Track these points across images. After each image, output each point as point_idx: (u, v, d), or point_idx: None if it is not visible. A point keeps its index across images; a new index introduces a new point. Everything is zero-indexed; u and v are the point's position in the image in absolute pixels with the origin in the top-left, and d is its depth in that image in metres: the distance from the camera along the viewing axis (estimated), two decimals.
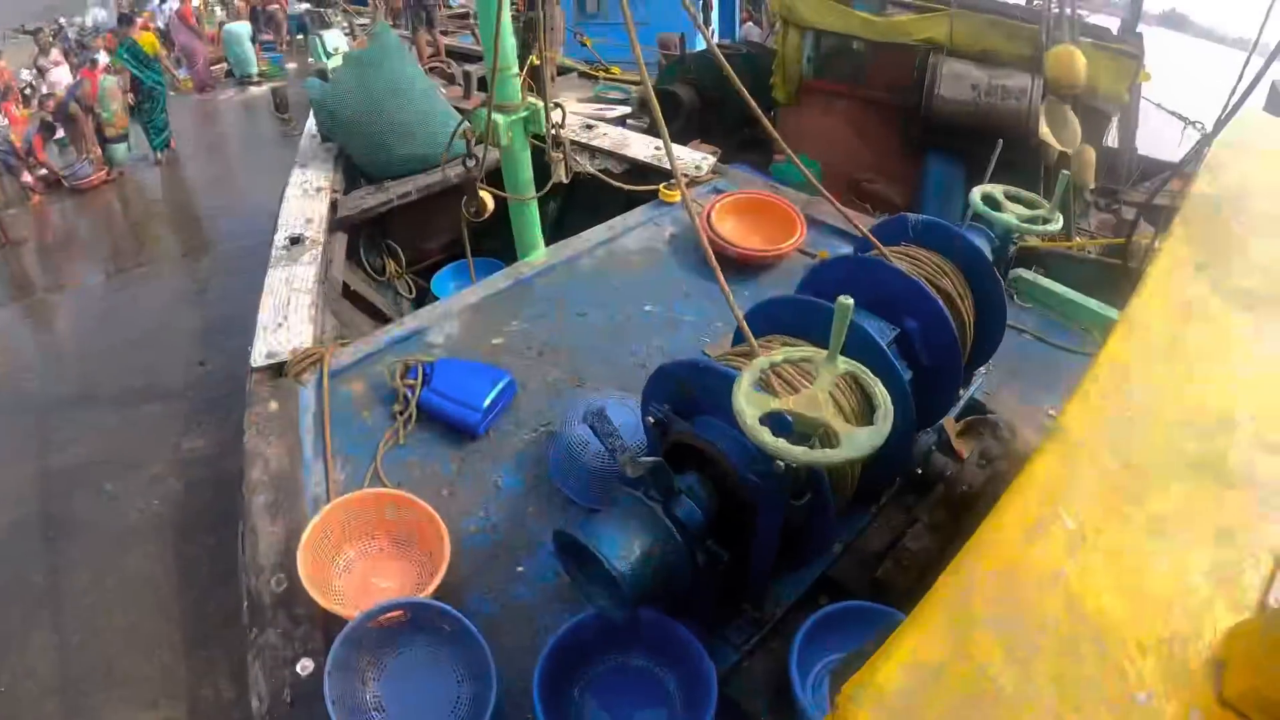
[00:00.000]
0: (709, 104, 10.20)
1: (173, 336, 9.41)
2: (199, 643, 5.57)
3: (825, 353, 2.21)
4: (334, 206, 6.50)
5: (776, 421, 2.07)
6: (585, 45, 14.15)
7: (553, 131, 4.95)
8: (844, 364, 2.20)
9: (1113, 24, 8.93)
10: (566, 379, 4.32)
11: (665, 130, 3.11)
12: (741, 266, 5.17)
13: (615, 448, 2.31)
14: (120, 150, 14.79)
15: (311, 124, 7.94)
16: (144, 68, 15.48)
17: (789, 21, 9.39)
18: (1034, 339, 4.70)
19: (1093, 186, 8.68)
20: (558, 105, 4.95)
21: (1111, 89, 8.13)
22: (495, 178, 5.31)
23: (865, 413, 2.33)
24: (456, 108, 7.59)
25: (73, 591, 6.05)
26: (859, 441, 1.99)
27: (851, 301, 2.05)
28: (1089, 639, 1.19)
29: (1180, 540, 1.32)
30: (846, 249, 5.16)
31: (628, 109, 9.90)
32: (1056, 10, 7.93)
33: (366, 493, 3.47)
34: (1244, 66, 5.89)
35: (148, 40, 16.66)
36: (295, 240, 5.75)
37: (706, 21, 16.04)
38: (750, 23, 17.99)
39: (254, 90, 20.34)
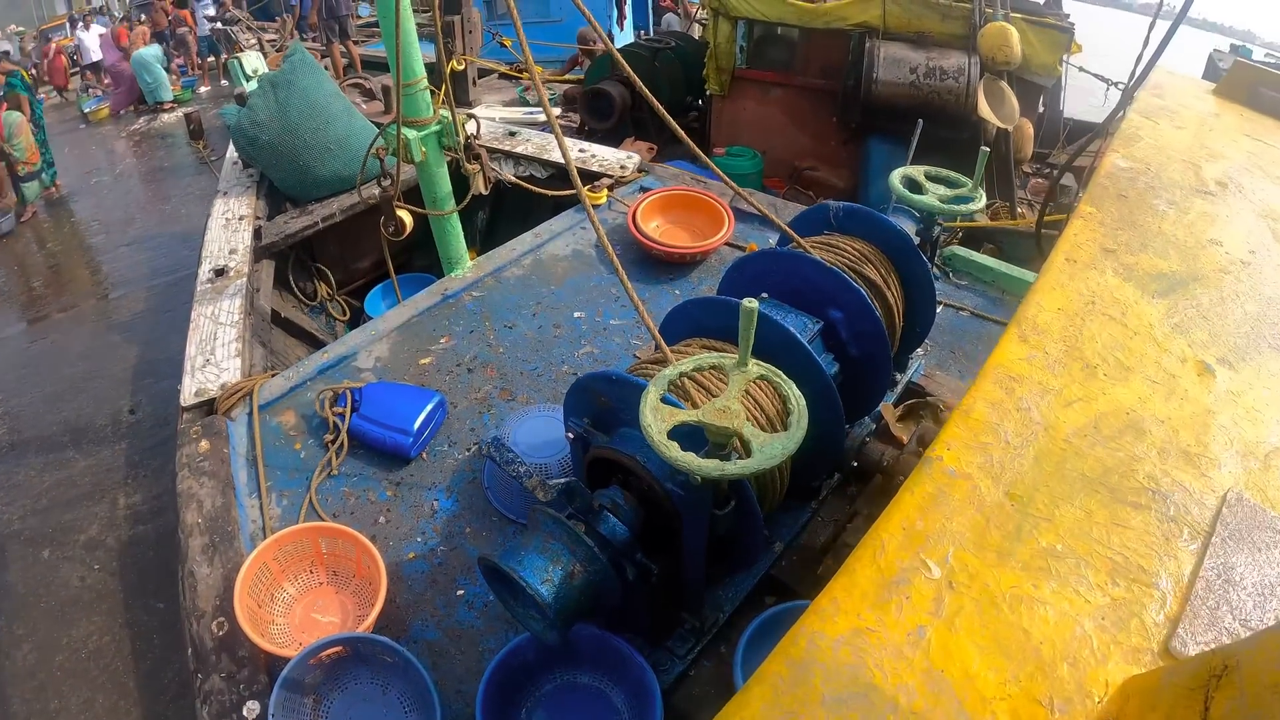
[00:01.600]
0: (642, 100, 10.12)
1: (100, 384, 8.94)
2: (158, 716, 5.32)
3: (736, 357, 2.16)
4: (258, 234, 6.39)
5: (691, 433, 2.02)
6: (504, 46, 14.07)
7: (465, 142, 4.85)
8: (756, 367, 2.15)
9: None
10: (498, 394, 4.26)
11: (565, 144, 3.05)
12: (671, 264, 5.16)
13: (519, 474, 2.25)
14: (33, 187, 14.28)
15: (232, 150, 7.82)
16: (32, 95, 15.21)
17: (719, 12, 9.39)
18: (972, 315, 4.69)
19: (1030, 157, 8.78)
20: (471, 116, 4.88)
21: (1045, 62, 8.26)
22: (418, 193, 5.24)
23: (784, 414, 2.28)
24: (376, 123, 7.50)
25: (20, 671, 5.65)
26: (771, 450, 1.94)
27: (756, 305, 2.00)
28: (949, 709, 1.09)
29: (1070, 579, 1.22)
30: (776, 238, 5.16)
31: (556, 110, 9.84)
32: None
33: (299, 528, 3.39)
34: (1149, 29, 5.90)
35: (25, 74, 16.50)
36: (220, 272, 5.64)
37: (621, 14, 16.01)
38: (671, 13, 17.92)
39: (167, 117, 19.93)
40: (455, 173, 5.11)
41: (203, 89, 22.34)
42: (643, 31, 17.32)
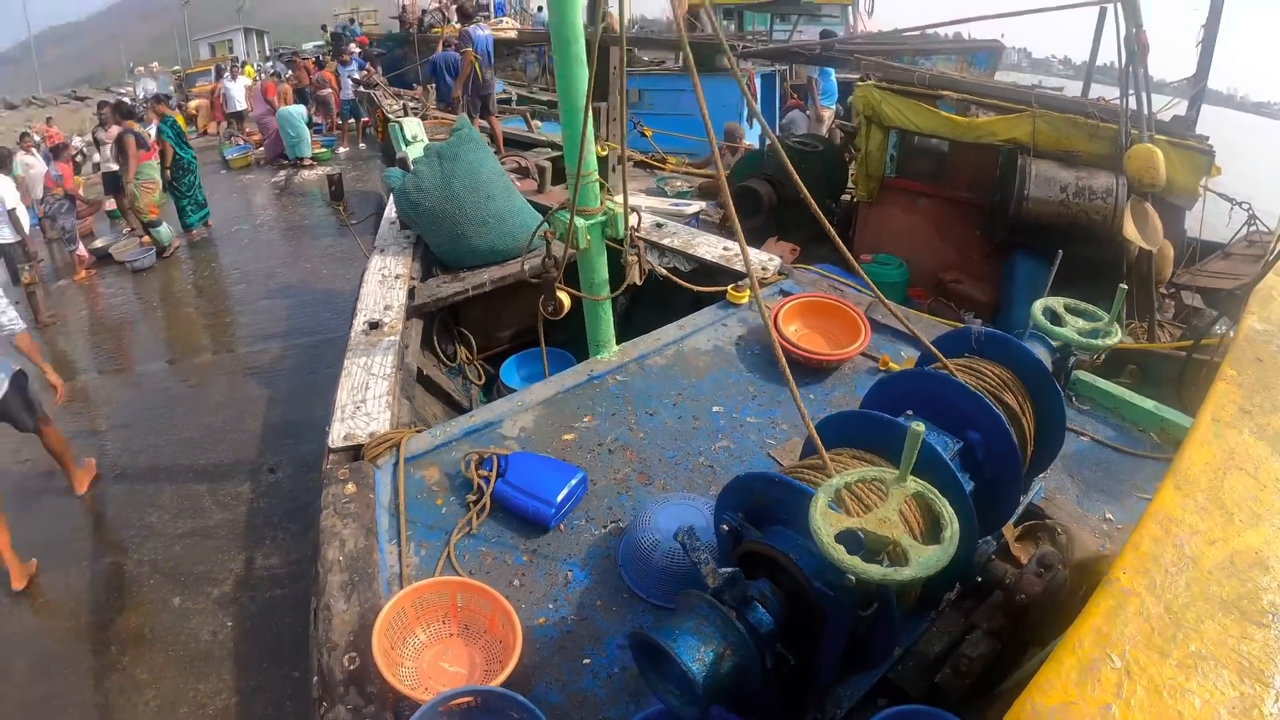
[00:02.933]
0: (786, 200, 10.34)
1: (238, 438, 8.88)
2: None
3: (896, 472, 2.34)
4: (412, 293, 6.73)
5: (848, 538, 2.19)
6: (645, 136, 14.39)
7: (629, 234, 5.10)
8: (914, 484, 2.33)
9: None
10: (636, 477, 4.41)
11: (741, 233, 3.26)
12: (806, 369, 5.29)
13: (700, 560, 2.44)
14: (164, 230, 15.01)
15: (391, 210, 8.22)
16: (183, 144, 15.88)
17: (873, 121, 9.60)
18: (1092, 441, 4.74)
19: (1168, 279, 8.80)
20: (634, 210, 5.12)
21: (1186, 185, 8.28)
22: (570, 273, 5.41)
23: (931, 529, 2.45)
24: (533, 203, 7.84)
25: (141, 717, 5.59)
26: (928, 561, 2.11)
27: (923, 428, 2.19)
28: None
29: (1210, 676, 1.48)
30: (908, 351, 5.28)
31: (703, 204, 10.07)
32: (1134, 108, 8.08)
33: (441, 580, 3.59)
34: None
35: (180, 119, 17.29)
36: (374, 325, 5.96)
37: (752, 111, 16.26)
38: (796, 110, 18.12)
39: (307, 174, 20.82)
40: (609, 258, 5.35)
41: (341, 149, 23.22)
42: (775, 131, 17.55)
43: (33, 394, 7.42)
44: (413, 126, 9.87)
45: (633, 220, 5.09)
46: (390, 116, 11.21)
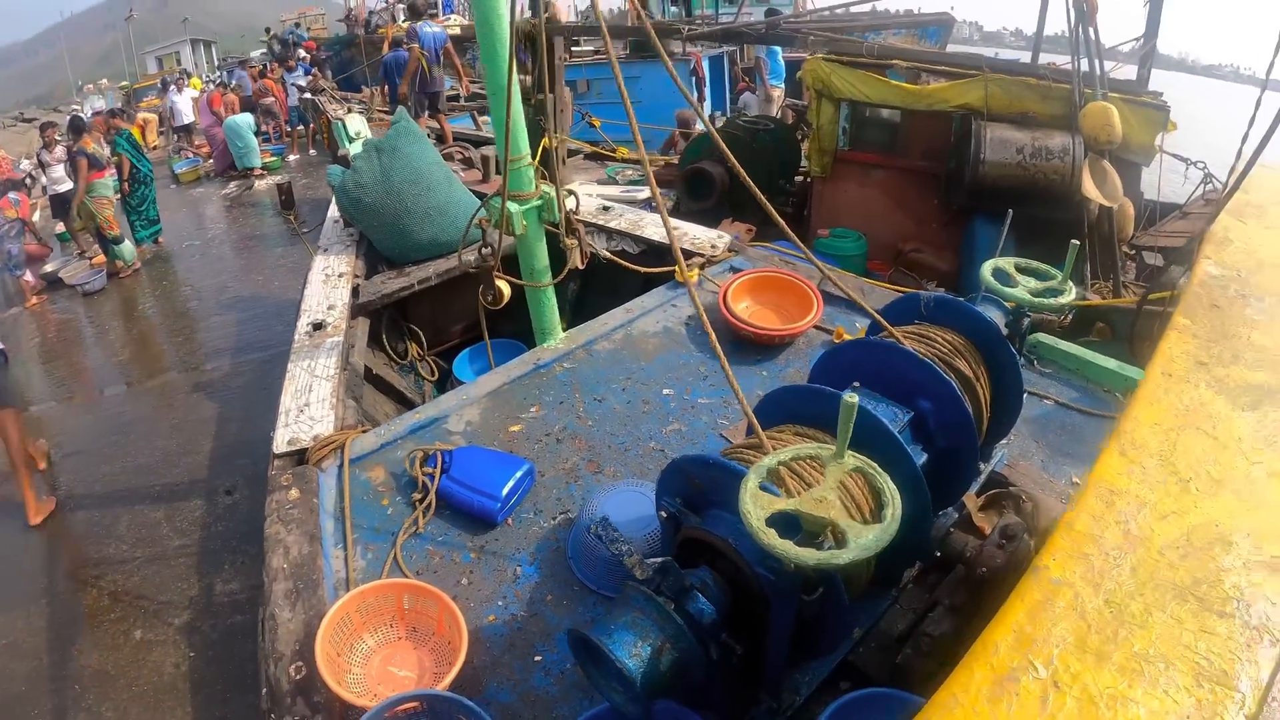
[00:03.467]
0: (740, 181, 10.22)
1: (193, 460, 8.59)
2: None
3: (833, 448, 2.22)
4: (356, 291, 6.59)
5: (785, 520, 2.07)
6: (594, 126, 14.26)
7: (565, 217, 4.98)
8: (852, 459, 2.21)
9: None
10: (585, 465, 4.31)
11: (666, 215, 3.16)
12: (759, 345, 5.20)
13: (622, 552, 2.31)
14: (127, 248, 14.64)
15: (334, 209, 8.06)
16: (140, 156, 15.53)
17: (823, 94, 9.51)
18: (1056, 405, 4.67)
19: (1130, 237, 8.77)
20: (571, 192, 5.00)
21: (1142, 142, 8.27)
22: (513, 262, 5.33)
23: (877, 507, 2.33)
24: (475, 191, 7.71)
25: None
26: (866, 542, 1.98)
27: (856, 400, 2.06)
28: None
29: (1160, 681, 1.29)
30: (863, 323, 5.19)
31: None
32: (1086, 69, 8.06)
33: (384, 583, 3.47)
34: (1255, 111, 5.80)
35: (136, 131, 16.99)
36: (318, 326, 5.83)
37: (701, 95, 16.14)
38: (747, 92, 18.12)
39: (257, 184, 20.46)
40: (552, 246, 5.23)
41: (291, 157, 22.96)
42: (719, 113, 17.52)
43: (10, 383, 7.56)
44: (356, 124, 9.74)
45: (570, 203, 4.97)
46: (333, 118, 11.04)
